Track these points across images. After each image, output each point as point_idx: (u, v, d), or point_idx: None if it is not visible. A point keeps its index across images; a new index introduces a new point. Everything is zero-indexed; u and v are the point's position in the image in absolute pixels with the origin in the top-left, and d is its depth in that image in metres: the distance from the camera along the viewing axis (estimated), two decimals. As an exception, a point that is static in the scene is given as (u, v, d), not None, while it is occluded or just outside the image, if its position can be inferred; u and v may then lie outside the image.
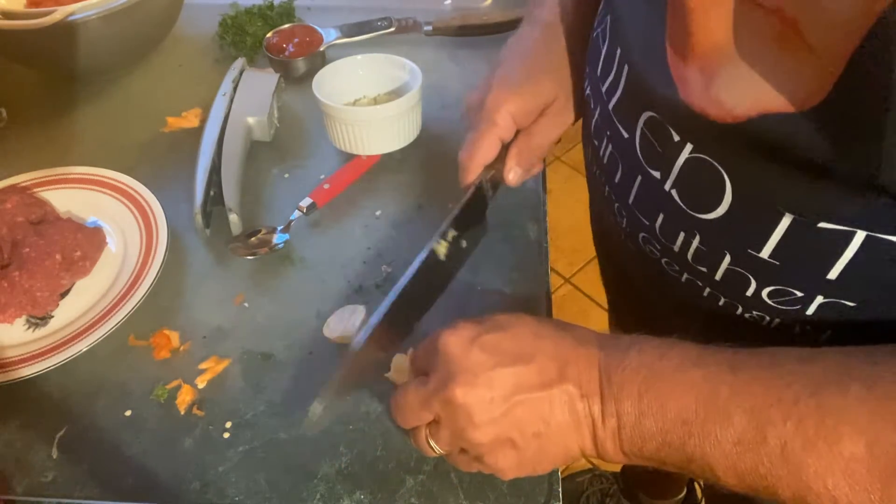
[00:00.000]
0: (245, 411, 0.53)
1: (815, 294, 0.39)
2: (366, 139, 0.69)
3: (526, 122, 0.55)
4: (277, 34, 0.86)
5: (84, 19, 0.74)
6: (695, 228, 0.42)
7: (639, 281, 0.58)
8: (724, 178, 0.38)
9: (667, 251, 0.47)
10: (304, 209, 0.66)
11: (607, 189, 0.52)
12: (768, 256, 0.39)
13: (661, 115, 0.41)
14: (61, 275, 0.59)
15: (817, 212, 0.35)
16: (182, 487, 0.49)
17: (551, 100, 0.55)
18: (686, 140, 0.40)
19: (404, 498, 0.48)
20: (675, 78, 0.39)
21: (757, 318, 0.44)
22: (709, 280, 0.44)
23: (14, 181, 0.69)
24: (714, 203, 0.40)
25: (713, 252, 0.42)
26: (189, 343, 0.57)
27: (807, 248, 0.37)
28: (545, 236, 0.65)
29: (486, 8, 0.96)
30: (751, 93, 0.34)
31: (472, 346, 0.41)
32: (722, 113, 0.36)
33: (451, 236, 0.50)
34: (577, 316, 1.73)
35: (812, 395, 0.34)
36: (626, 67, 0.45)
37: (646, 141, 0.44)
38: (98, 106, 0.83)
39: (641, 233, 0.48)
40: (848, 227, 0.34)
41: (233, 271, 0.63)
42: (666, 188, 0.43)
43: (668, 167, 0.42)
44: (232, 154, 0.69)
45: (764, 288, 0.41)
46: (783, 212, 0.36)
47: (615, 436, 0.39)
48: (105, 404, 0.54)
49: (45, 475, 0.50)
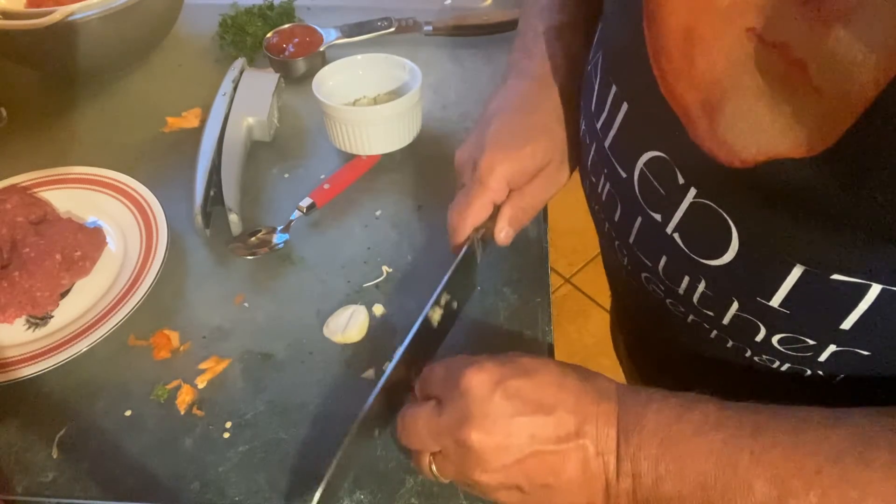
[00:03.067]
0: (245, 411, 0.53)
1: (827, 343, 0.38)
2: (366, 139, 0.69)
3: (519, 184, 0.54)
4: (277, 34, 0.86)
5: (84, 19, 0.74)
6: (700, 273, 0.41)
7: (644, 316, 0.57)
8: (731, 226, 0.37)
9: (671, 292, 0.45)
10: (304, 209, 0.66)
11: (607, 225, 0.50)
12: (778, 305, 0.37)
13: (668, 154, 0.40)
14: (61, 275, 0.59)
15: (830, 264, 0.34)
16: (182, 487, 0.49)
17: (546, 162, 0.54)
18: (690, 184, 0.39)
19: (404, 498, 0.48)
20: (680, 115, 0.37)
21: (767, 361, 0.43)
22: (716, 324, 0.43)
23: (14, 181, 0.69)
24: (720, 251, 0.38)
25: (720, 298, 0.41)
26: (189, 343, 0.57)
27: (819, 299, 0.36)
28: (545, 236, 0.65)
29: (486, 8, 0.96)
30: (757, 135, 0.33)
31: (496, 389, 0.40)
32: (730, 156, 0.35)
33: (444, 301, 0.50)
34: (577, 316, 1.73)
35: (835, 465, 0.33)
36: (624, 106, 0.43)
37: (646, 182, 0.42)
38: (98, 106, 0.83)
39: (644, 273, 0.47)
40: (862, 280, 0.33)
41: (233, 271, 0.63)
42: (668, 231, 0.42)
43: (670, 211, 0.41)
44: (232, 154, 0.69)
45: (774, 335, 0.40)
46: (793, 262, 0.35)
47: (629, 496, 0.38)
48: (105, 404, 0.54)
49: (45, 475, 0.50)
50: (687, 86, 0.36)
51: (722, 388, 0.39)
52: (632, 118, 0.43)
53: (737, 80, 0.33)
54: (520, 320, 0.58)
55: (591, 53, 0.51)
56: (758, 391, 0.38)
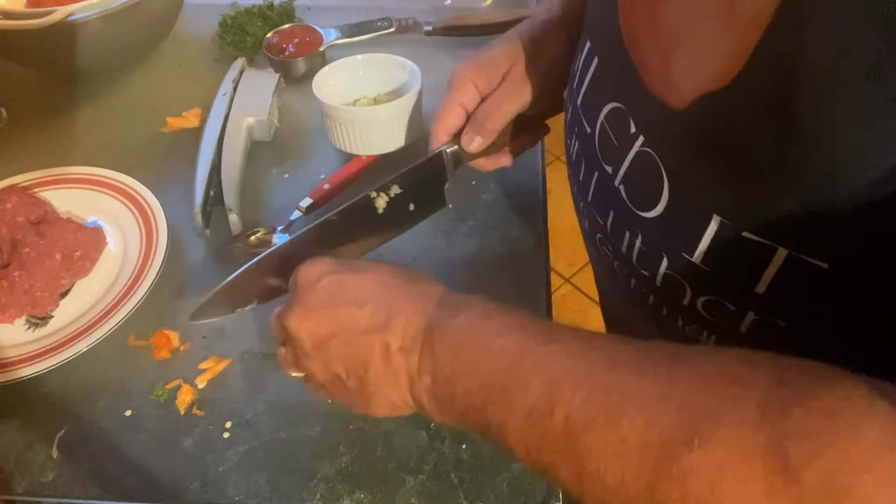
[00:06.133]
0: (245, 411, 0.53)
1: (746, 309, 0.38)
2: (366, 139, 0.69)
3: (488, 90, 0.57)
4: (277, 34, 0.86)
5: (84, 19, 0.74)
6: (637, 228, 0.42)
7: (603, 286, 0.58)
8: (663, 175, 0.38)
9: (617, 253, 0.46)
10: (304, 209, 0.66)
11: (574, 189, 0.52)
12: (700, 262, 0.38)
13: (624, 104, 0.41)
14: (61, 275, 0.59)
15: (742, 218, 0.34)
16: (182, 487, 0.49)
17: (508, 66, 0.56)
18: (640, 132, 0.39)
19: (404, 498, 0.48)
20: (637, 64, 0.38)
21: (695, 332, 0.43)
22: (651, 285, 0.44)
23: (14, 181, 0.69)
24: (654, 202, 0.39)
25: (652, 254, 0.42)
26: (189, 343, 0.57)
27: (734, 257, 0.36)
28: (545, 236, 0.65)
29: (486, 8, 0.96)
30: (696, 73, 0.33)
31: (319, 282, 0.42)
32: (676, 99, 0.35)
33: (393, 192, 0.52)
34: (576, 316, 1.73)
35: (610, 371, 0.32)
36: (594, 61, 0.44)
37: (604, 135, 0.43)
38: (98, 106, 0.83)
39: (598, 233, 0.48)
40: (769, 242, 0.33)
41: (233, 271, 0.63)
42: (615, 184, 0.43)
43: (619, 162, 0.42)
44: (232, 154, 0.69)
45: (698, 297, 0.40)
46: (710, 213, 0.35)
47: (429, 392, 0.39)
48: (105, 404, 0.54)
49: (45, 475, 0.50)
50: (646, 34, 0.37)
51: None
52: (599, 72, 0.44)
53: (691, 25, 0.34)
54: (520, 320, 0.58)
55: None
56: None
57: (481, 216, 0.66)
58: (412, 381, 0.39)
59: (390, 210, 0.52)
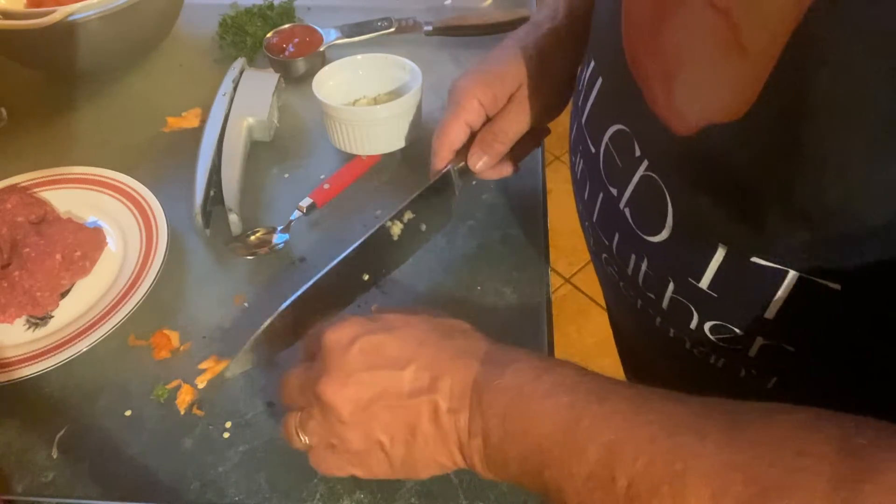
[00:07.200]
0: (245, 411, 0.53)
1: (755, 334, 0.38)
2: (366, 139, 0.69)
3: (494, 109, 0.55)
4: (277, 34, 0.86)
5: (84, 19, 0.74)
6: (643, 251, 0.41)
7: (611, 304, 0.58)
8: (668, 201, 0.37)
9: (622, 274, 0.46)
10: (304, 209, 0.66)
11: (580, 206, 0.51)
12: (707, 287, 0.38)
13: (629, 127, 0.40)
14: (61, 275, 0.59)
15: (749, 245, 0.34)
16: (182, 487, 0.49)
17: (516, 86, 0.55)
18: (644, 156, 0.39)
19: (404, 498, 0.48)
20: (641, 86, 0.37)
21: (704, 354, 0.43)
22: (657, 308, 0.43)
23: (14, 181, 0.69)
24: (658, 227, 0.39)
25: (658, 277, 0.41)
26: (189, 343, 0.57)
27: (743, 283, 0.36)
28: (545, 236, 0.65)
29: (486, 8, 0.96)
30: (701, 101, 0.33)
31: (352, 345, 0.40)
32: (680, 124, 0.35)
33: (407, 218, 0.51)
34: (576, 316, 1.73)
35: (670, 437, 0.31)
36: (599, 81, 0.44)
37: (609, 156, 0.43)
38: (98, 106, 0.83)
39: (603, 253, 0.48)
40: (779, 266, 0.33)
41: (233, 271, 0.63)
42: (620, 206, 0.42)
43: (624, 185, 0.41)
44: (232, 154, 0.69)
45: (705, 322, 0.40)
46: (716, 242, 0.35)
47: (480, 454, 0.38)
48: (105, 404, 0.54)
49: (45, 475, 0.50)
50: (650, 56, 0.36)
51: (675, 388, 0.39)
52: (604, 93, 0.43)
53: (694, 49, 0.33)
54: (520, 320, 0.58)
55: None
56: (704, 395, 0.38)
57: (481, 216, 0.66)
58: (462, 442, 0.38)
59: (405, 235, 0.51)
